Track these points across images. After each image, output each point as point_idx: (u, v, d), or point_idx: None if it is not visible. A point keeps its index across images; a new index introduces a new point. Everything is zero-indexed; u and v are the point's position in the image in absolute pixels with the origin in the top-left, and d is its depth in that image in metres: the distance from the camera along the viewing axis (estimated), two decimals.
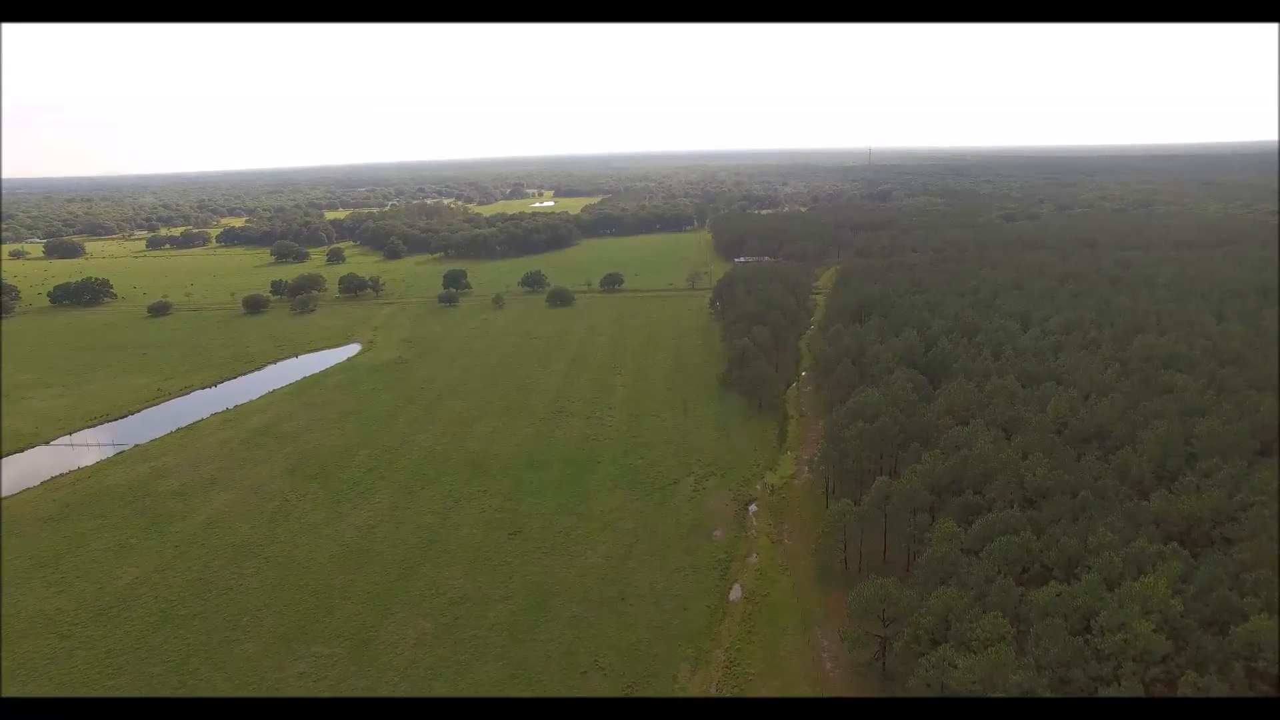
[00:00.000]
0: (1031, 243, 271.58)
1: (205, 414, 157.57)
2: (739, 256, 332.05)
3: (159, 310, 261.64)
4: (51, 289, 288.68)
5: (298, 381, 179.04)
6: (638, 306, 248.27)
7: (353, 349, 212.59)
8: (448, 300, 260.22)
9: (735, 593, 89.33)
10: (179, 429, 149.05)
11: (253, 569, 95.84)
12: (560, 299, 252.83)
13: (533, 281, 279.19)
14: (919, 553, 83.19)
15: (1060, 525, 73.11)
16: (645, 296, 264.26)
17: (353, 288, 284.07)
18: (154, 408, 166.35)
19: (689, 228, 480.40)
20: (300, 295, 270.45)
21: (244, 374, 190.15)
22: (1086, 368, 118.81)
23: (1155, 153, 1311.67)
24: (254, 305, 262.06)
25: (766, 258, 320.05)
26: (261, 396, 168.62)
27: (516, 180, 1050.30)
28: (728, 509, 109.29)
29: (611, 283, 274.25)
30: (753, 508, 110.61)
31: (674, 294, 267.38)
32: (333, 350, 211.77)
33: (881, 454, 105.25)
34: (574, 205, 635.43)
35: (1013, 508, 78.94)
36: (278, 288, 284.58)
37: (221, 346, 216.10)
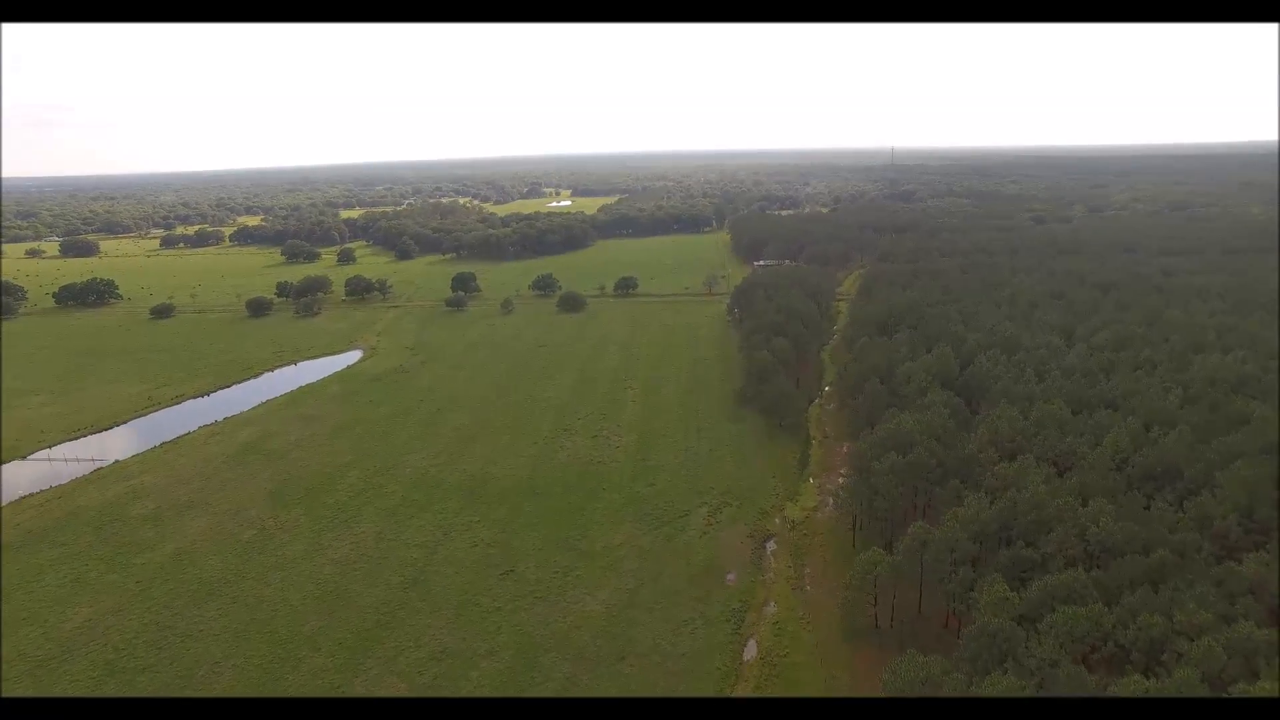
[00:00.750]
0: (1066, 247, 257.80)
1: (193, 426, 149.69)
2: (758, 259, 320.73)
3: (161, 312, 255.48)
4: (57, 289, 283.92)
5: (293, 391, 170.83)
6: (652, 313, 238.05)
7: (354, 355, 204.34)
8: (455, 304, 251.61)
9: (750, 651, 78.96)
10: (164, 443, 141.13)
11: (217, 611, 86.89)
12: (571, 304, 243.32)
13: (543, 285, 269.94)
14: (963, 614, 72.43)
15: (1137, 595, 61.91)
16: (660, 302, 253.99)
17: (359, 290, 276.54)
18: (143, 418, 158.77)
19: (707, 229, 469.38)
20: (305, 298, 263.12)
21: (240, 382, 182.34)
22: (1144, 392, 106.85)
23: (1157, 152, 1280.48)
24: (257, 308, 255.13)
25: (787, 261, 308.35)
26: (254, 407, 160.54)
27: (534, 179, 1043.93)
28: (743, 547, 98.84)
29: (625, 287, 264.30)
30: (771, 545, 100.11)
31: (690, 299, 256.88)
32: (334, 357, 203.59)
33: (916, 490, 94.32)
34: (591, 205, 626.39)
35: (1075, 566, 67.87)
36: (283, 289, 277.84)
37: (220, 351, 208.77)
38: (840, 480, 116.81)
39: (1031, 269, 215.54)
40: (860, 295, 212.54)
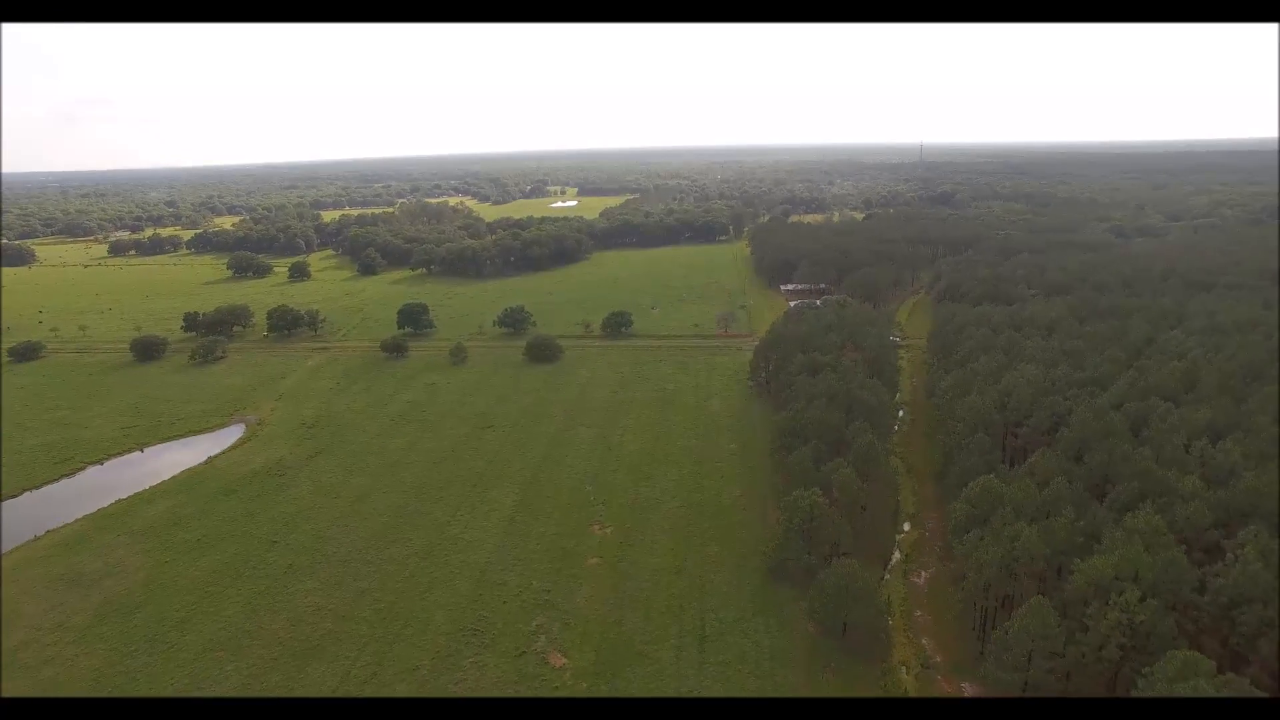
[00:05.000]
0: (1196, 278, 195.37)
1: None
2: (787, 283, 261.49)
3: (23, 354, 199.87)
4: None
5: (94, 514, 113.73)
6: (648, 366, 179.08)
7: (231, 434, 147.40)
8: (394, 350, 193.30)
9: None
10: None
11: None
12: (542, 352, 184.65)
13: (512, 320, 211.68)
14: None
15: None
16: (660, 348, 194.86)
17: (284, 325, 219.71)
18: None
19: (723, 238, 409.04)
20: (209, 338, 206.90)
21: (37, 487, 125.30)
22: None
23: (1189, 149, 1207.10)
24: (146, 351, 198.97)
25: (823, 286, 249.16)
26: (10, 551, 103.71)
27: (542, 176, 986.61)
28: None
29: (616, 326, 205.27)
30: None
31: (700, 343, 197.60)
32: (203, 436, 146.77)
33: None
34: (598, 205, 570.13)
35: None
36: (190, 323, 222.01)
37: (54, 424, 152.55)
38: None
39: (1173, 316, 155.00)
40: (938, 355, 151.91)
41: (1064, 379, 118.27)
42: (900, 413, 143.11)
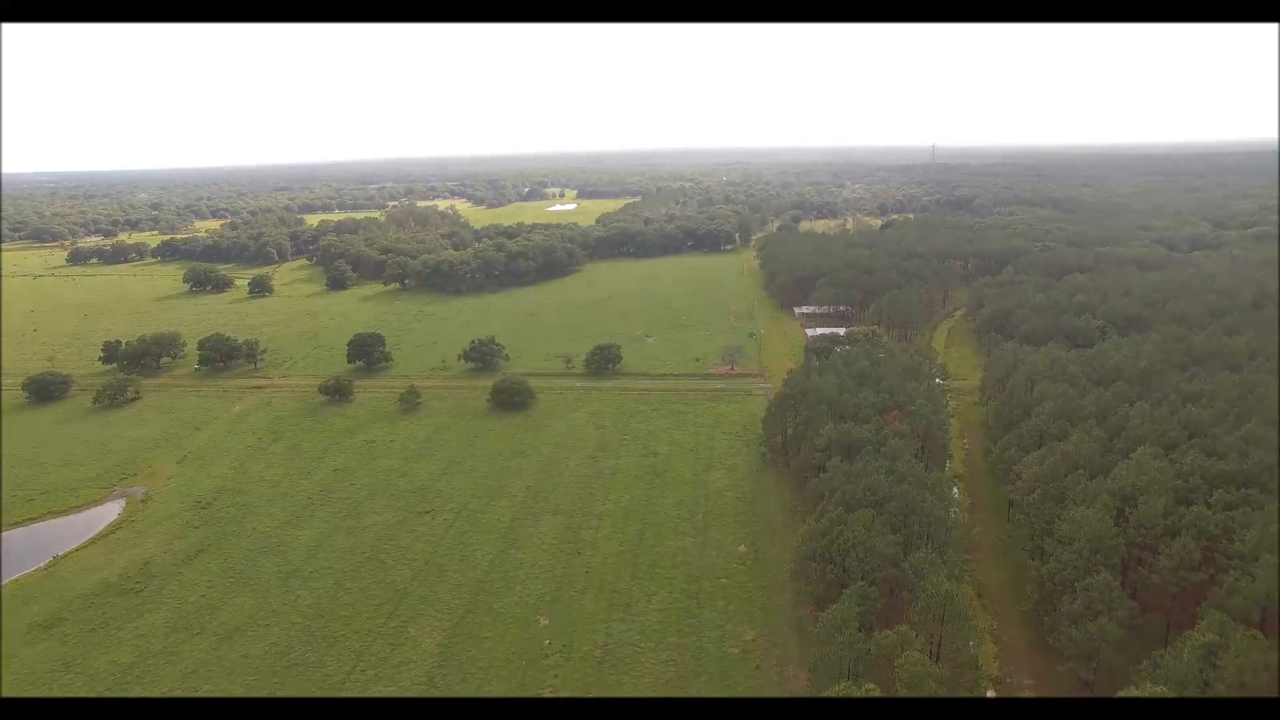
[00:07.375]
0: None
1: None
2: (802, 305, 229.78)
3: None
4: None
5: None
6: (637, 418, 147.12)
7: (104, 515, 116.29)
8: (335, 395, 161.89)
9: None
10: None
11: None
12: (510, 398, 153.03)
13: (480, 355, 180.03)
14: None
15: None
16: (653, 390, 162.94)
17: (218, 357, 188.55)
18: None
19: (728, 247, 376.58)
20: (123, 375, 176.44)
21: None
22: None
23: (1169, 149, 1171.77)
24: (43, 392, 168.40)
25: (845, 309, 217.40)
26: None
27: (541, 178, 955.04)
28: None
29: (602, 362, 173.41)
30: None
31: (701, 385, 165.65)
32: (64, 520, 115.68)
33: None
34: (598, 209, 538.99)
35: None
36: (110, 353, 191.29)
37: None
38: None
39: None
40: (1000, 419, 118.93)
41: (1196, 470, 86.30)
42: (954, 492, 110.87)
